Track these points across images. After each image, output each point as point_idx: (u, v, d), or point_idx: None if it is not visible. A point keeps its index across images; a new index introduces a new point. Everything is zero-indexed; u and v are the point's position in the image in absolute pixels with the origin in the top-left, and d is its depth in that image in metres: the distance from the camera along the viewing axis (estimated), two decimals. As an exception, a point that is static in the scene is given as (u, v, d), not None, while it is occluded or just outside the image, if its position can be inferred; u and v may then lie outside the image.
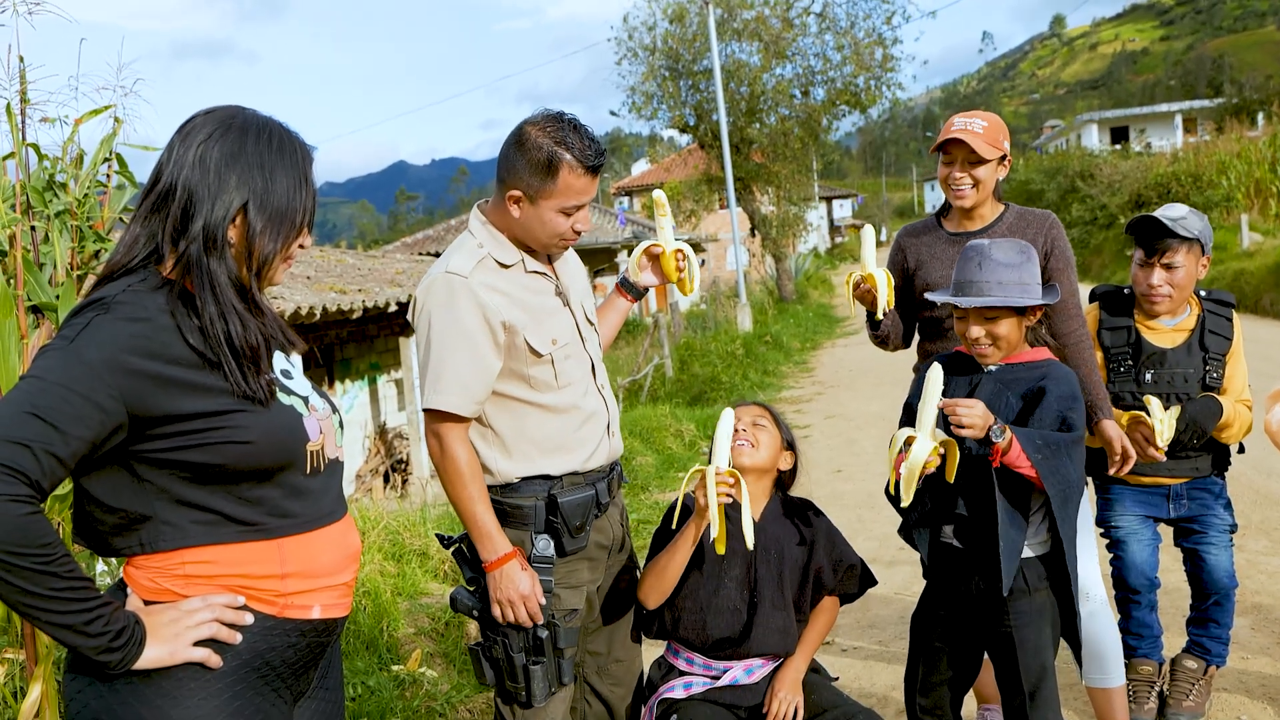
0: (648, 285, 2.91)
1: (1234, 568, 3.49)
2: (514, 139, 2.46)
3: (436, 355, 2.45)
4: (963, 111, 3.19)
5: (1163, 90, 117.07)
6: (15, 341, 2.72)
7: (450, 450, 2.45)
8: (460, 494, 2.45)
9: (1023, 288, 2.58)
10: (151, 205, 1.72)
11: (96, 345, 1.58)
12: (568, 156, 2.40)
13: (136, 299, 1.64)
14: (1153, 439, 3.16)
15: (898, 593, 5.17)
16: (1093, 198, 29.47)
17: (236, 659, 1.70)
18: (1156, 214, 3.33)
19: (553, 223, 2.48)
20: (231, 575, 1.70)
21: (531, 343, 2.49)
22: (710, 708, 2.68)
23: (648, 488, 8.03)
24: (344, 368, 12.36)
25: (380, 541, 5.16)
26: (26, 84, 2.87)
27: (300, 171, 1.78)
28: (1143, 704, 3.52)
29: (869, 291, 3.01)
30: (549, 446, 2.54)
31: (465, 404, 2.45)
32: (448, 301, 2.45)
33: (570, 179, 2.43)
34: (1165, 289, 3.31)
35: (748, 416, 2.83)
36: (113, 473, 1.66)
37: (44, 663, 2.60)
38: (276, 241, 1.75)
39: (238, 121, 1.75)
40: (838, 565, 2.82)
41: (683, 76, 24.48)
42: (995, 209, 3.21)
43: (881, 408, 10.77)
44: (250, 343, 1.71)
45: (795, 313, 23.54)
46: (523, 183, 2.44)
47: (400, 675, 3.99)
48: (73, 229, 2.92)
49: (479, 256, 2.49)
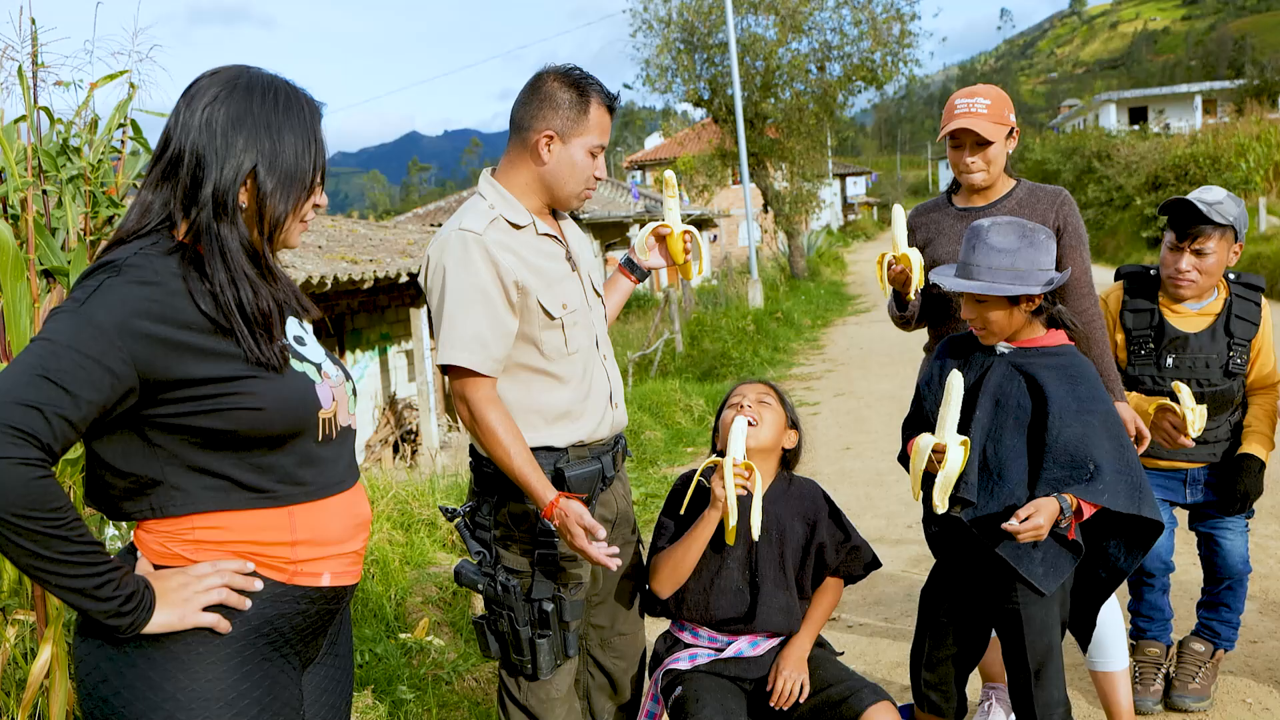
0: (652, 267, 2.91)
1: (1248, 553, 3.48)
2: (533, 87, 2.50)
3: (451, 312, 2.40)
4: (963, 90, 3.14)
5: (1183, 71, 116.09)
6: (27, 305, 2.72)
7: (479, 412, 2.40)
8: (499, 453, 2.40)
9: (1014, 274, 2.52)
10: (161, 172, 1.71)
11: (107, 308, 1.57)
12: (596, 93, 2.49)
13: (148, 262, 1.63)
14: (1183, 428, 3.11)
15: (905, 570, 5.17)
16: (1109, 179, 29.25)
17: (246, 625, 1.70)
18: (1192, 197, 3.26)
19: (583, 164, 2.51)
20: (242, 541, 1.70)
21: (545, 304, 2.46)
22: (714, 679, 2.69)
23: (656, 462, 8.05)
24: (355, 338, 12.38)
25: (389, 511, 5.19)
26: (39, 47, 2.86)
27: (309, 129, 1.76)
28: (1149, 685, 3.52)
29: (903, 272, 2.99)
30: (553, 415, 2.52)
31: (484, 360, 2.40)
32: (462, 257, 2.40)
33: (599, 115, 2.50)
34: (1193, 275, 3.27)
35: (752, 394, 2.81)
36: (124, 437, 1.65)
37: (54, 625, 2.62)
38: (288, 202, 1.74)
39: (242, 82, 1.73)
40: (840, 545, 2.82)
41: (698, 50, 24.33)
42: (1006, 184, 3.18)
43: (891, 386, 10.76)
44: (262, 309, 1.70)
45: (807, 290, 23.48)
46: (554, 123, 2.47)
47: (407, 643, 4.02)
48: (86, 194, 2.92)
49: (491, 217, 2.46)
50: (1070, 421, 2.50)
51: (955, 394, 2.44)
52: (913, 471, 2.55)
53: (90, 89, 2.98)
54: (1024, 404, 2.56)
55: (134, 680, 1.64)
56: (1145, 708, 3.48)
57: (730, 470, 2.49)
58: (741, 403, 2.77)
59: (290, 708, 1.77)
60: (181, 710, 1.64)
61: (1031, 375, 2.57)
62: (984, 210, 3.14)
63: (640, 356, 13.46)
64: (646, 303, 23.56)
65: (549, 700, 2.55)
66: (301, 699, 1.82)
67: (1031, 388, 2.56)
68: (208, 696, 1.66)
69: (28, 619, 2.76)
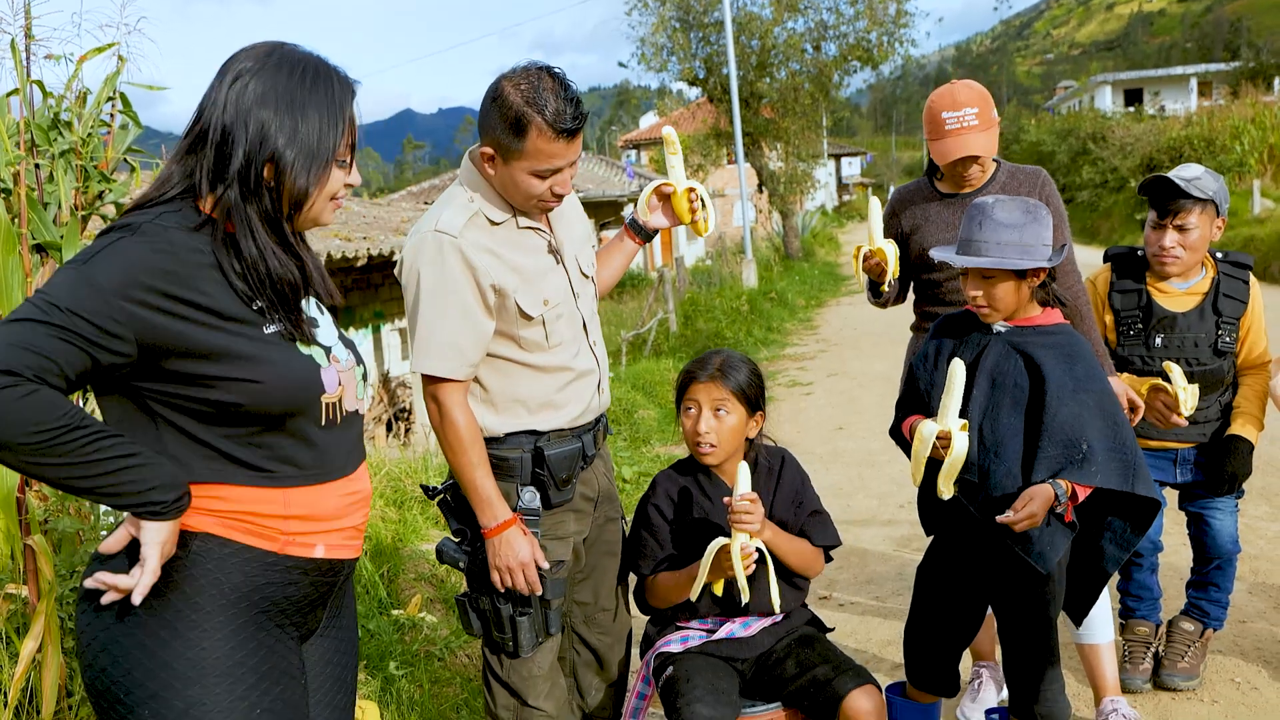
0: (658, 227, 2.81)
1: (1238, 533, 3.50)
2: (490, 92, 2.33)
3: (426, 317, 2.39)
4: (942, 94, 3.08)
5: (1179, 53, 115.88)
6: (20, 280, 2.71)
7: (450, 415, 2.40)
8: (460, 460, 2.41)
9: (1023, 249, 2.52)
10: (188, 145, 1.73)
11: (109, 269, 1.58)
12: (538, 118, 2.26)
13: (163, 232, 1.64)
14: (1175, 407, 3.12)
15: (896, 550, 5.19)
16: (1104, 160, 29.22)
17: (237, 593, 1.71)
18: (1170, 174, 3.29)
19: (526, 184, 2.36)
20: (235, 512, 1.71)
21: (522, 305, 2.43)
22: (706, 659, 2.69)
23: (649, 441, 8.06)
24: (348, 316, 12.35)
25: (382, 488, 5.19)
26: (31, 19, 2.84)
27: (336, 106, 1.76)
28: (1138, 664, 3.54)
29: (878, 265, 3.00)
30: (535, 405, 2.51)
31: (460, 367, 2.40)
32: (437, 260, 2.37)
33: (540, 142, 2.28)
34: (1177, 251, 3.28)
35: (708, 401, 2.68)
36: (122, 404, 1.67)
37: (46, 599, 2.62)
38: (308, 178, 1.74)
39: (274, 58, 1.74)
40: (800, 508, 2.78)
41: (693, 28, 24.22)
42: (988, 168, 3.20)
43: (884, 367, 10.76)
44: (288, 279, 1.73)
45: (801, 270, 23.47)
46: (494, 140, 2.33)
47: (400, 620, 4.03)
48: (77, 168, 2.90)
49: (470, 213, 2.41)
50: (1067, 400, 2.50)
51: (958, 382, 2.44)
52: (914, 458, 2.54)
53: (79, 62, 2.95)
54: (1021, 383, 2.56)
55: (131, 649, 1.66)
56: (1134, 686, 3.50)
57: (738, 554, 2.47)
58: (699, 414, 2.68)
59: (289, 676, 1.78)
60: (178, 679, 1.65)
61: (1028, 354, 2.57)
62: (968, 195, 3.15)
63: (634, 335, 13.46)
64: (640, 282, 23.52)
65: (531, 678, 2.56)
66: (303, 669, 1.83)
67: (1029, 366, 2.57)
68: (204, 664, 1.67)
69: (20, 593, 2.76)
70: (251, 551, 1.72)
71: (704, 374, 2.71)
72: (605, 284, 2.83)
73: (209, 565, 1.69)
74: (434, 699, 3.63)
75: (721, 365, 2.72)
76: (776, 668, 2.69)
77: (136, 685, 1.65)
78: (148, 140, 3.17)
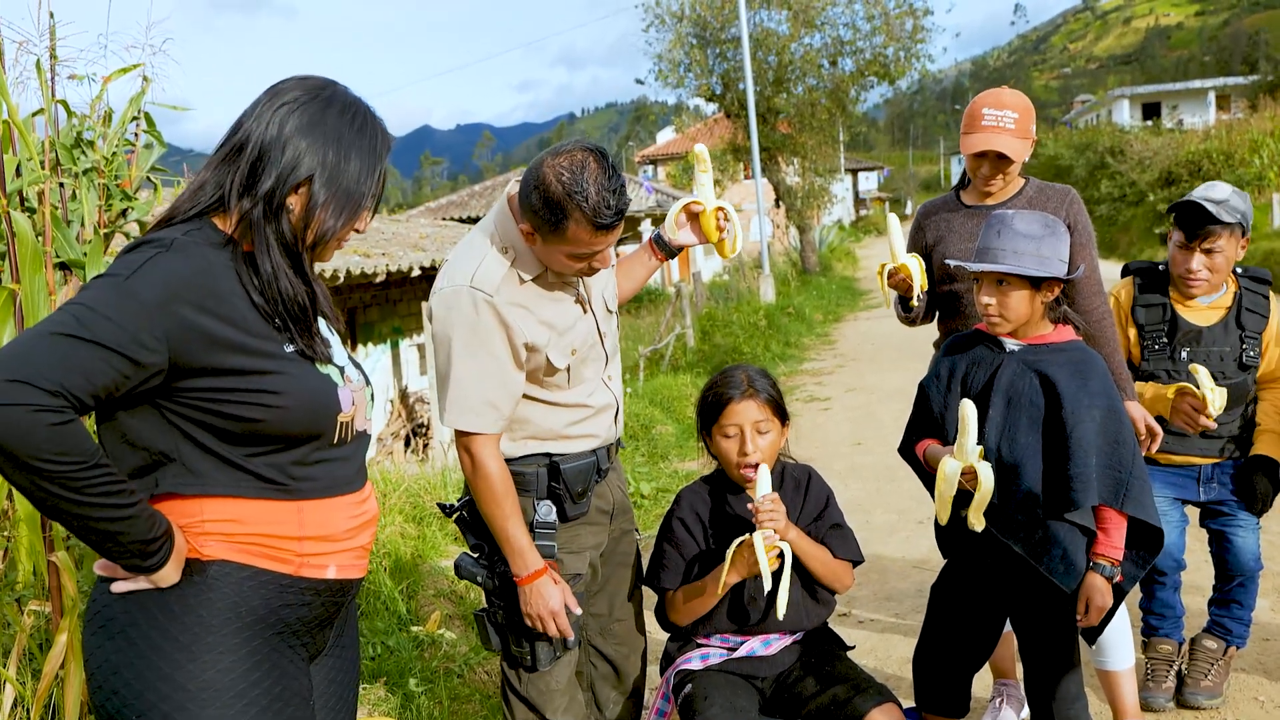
0: (684, 244, 2.77)
1: (1260, 550, 3.47)
2: (531, 173, 2.31)
3: (459, 376, 2.40)
4: (989, 94, 3.08)
5: (1197, 66, 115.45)
6: (45, 297, 2.74)
7: (483, 468, 2.42)
8: (493, 511, 2.43)
9: (1039, 260, 2.52)
10: (224, 155, 1.74)
11: (151, 285, 1.58)
12: (577, 212, 2.24)
13: (195, 247, 1.66)
14: (1202, 408, 3.09)
15: (916, 566, 5.17)
16: (1122, 174, 29.10)
17: (253, 615, 1.71)
18: (1199, 197, 3.26)
19: (562, 264, 2.39)
20: (251, 535, 1.71)
21: (552, 359, 2.46)
22: (725, 677, 2.68)
23: (668, 456, 8.05)
24: (366, 331, 12.41)
25: (401, 504, 5.21)
26: (56, 40, 2.87)
27: (376, 157, 1.79)
28: (1161, 683, 3.51)
29: (904, 280, 2.99)
30: (551, 436, 2.54)
31: (495, 423, 2.42)
32: (473, 320, 2.38)
33: (578, 232, 2.28)
34: (1204, 274, 3.27)
35: (749, 422, 2.67)
36: (142, 411, 1.66)
37: (69, 615, 2.64)
38: (338, 220, 1.76)
39: (326, 94, 1.76)
40: (820, 522, 2.78)
41: (710, 44, 24.27)
42: (1016, 183, 3.18)
43: (902, 382, 10.72)
44: (300, 303, 1.74)
45: (818, 285, 23.44)
46: (533, 220, 2.33)
47: (419, 636, 4.03)
48: (100, 187, 2.93)
49: (505, 268, 2.41)
50: (1083, 417, 2.50)
51: (971, 421, 2.43)
52: (939, 498, 2.54)
53: (104, 82, 2.99)
54: (1036, 401, 2.55)
55: (144, 671, 1.65)
56: (1157, 705, 3.47)
57: (761, 547, 2.47)
58: (742, 437, 2.67)
59: (300, 698, 1.78)
60: (192, 701, 1.65)
61: (1043, 372, 2.56)
62: (994, 208, 3.14)
63: (652, 351, 13.46)
64: (658, 297, 23.54)
65: (549, 692, 2.57)
66: (311, 690, 1.83)
67: (1044, 384, 2.56)
68: (218, 687, 1.66)
69: (43, 609, 2.78)
70: (268, 575, 1.73)
71: (738, 391, 2.69)
72: (624, 294, 2.85)
73: (227, 589, 1.69)
74: (454, 715, 3.63)
75: (750, 380, 2.72)
76: (796, 686, 2.68)
77: (150, 707, 1.65)
78: (170, 158, 3.21)
